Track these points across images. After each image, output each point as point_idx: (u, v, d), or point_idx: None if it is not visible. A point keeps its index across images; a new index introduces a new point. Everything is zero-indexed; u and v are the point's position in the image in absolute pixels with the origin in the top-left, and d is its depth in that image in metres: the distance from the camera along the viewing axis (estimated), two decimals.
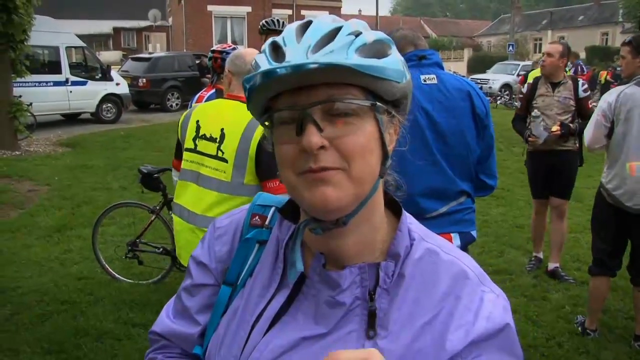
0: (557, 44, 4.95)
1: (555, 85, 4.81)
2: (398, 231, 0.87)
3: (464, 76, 28.31)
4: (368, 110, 0.80)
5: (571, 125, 4.69)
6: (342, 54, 0.76)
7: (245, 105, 2.68)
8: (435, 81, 2.47)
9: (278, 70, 0.74)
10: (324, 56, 0.75)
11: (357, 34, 0.78)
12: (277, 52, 0.79)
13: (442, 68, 2.57)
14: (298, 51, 0.76)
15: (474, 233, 2.62)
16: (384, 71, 0.78)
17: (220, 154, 2.70)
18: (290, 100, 0.78)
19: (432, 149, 2.44)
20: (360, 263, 0.84)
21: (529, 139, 4.80)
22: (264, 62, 0.79)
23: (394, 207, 0.93)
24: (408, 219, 0.91)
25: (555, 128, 4.68)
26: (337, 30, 0.78)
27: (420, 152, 2.38)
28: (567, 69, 5.20)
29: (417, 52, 2.48)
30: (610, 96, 3.68)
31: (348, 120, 0.78)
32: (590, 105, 4.77)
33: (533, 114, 4.72)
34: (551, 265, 5.08)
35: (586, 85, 4.89)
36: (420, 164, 2.28)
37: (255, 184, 2.65)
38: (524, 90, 5.06)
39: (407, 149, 0.89)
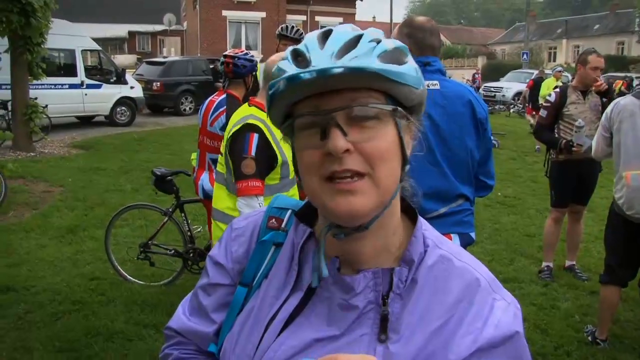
0: (601, 57, 4.96)
1: (585, 94, 4.89)
2: (413, 237, 0.88)
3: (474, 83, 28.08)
4: (389, 115, 0.81)
5: None
6: (367, 59, 0.77)
7: (246, 106, 2.73)
8: (438, 87, 2.54)
9: (302, 75, 0.76)
10: (350, 61, 0.76)
11: (378, 41, 0.80)
12: (300, 58, 0.80)
13: (444, 75, 2.65)
14: (322, 57, 0.78)
15: (472, 235, 2.68)
16: (405, 77, 0.80)
17: (222, 149, 2.89)
18: (313, 105, 0.80)
19: (435, 151, 2.51)
20: (375, 268, 0.85)
21: (574, 148, 4.71)
22: (289, 68, 0.80)
23: (410, 213, 0.94)
24: (423, 225, 0.92)
25: None
26: (359, 37, 0.80)
27: (424, 154, 2.43)
28: None
29: (421, 58, 2.55)
30: (609, 107, 3.78)
31: (370, 124, 0.79)
32: None
33: (577, 124, 4.68)
34: (568, 263, 5.39)
35: None
36: (424, 165, 2.38)
37: None
38: (551, 99, 4.98)
39: (420, 147, 0.91)
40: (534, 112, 15.54)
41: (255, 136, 2.68)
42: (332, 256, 0.88)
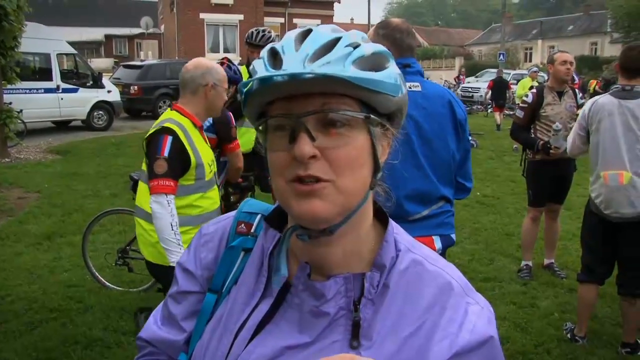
0: (566, 53, 5.03)
1: (560, 94, 4.94)
2: (384, 242, 0.87)
3: (453, 84, 28.46)
4: (361, 122, 0.80)
5: None
6: (339, 65, 0.75)
7: (169, 110, 2.80)
8: (419, 88, 2.56)
9: (274, 77, 0.75)
10: (321, 67, 0.74)
11: (356, 46, 0.78)
12: (275, 58, 0.79)
13: (422, 76, 2.68)
14: (295, 60, 0.76)
15: (453, 236, 2.70)
16: (380, 84, 0.78)
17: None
18: (285, 107, 0.78)
19: (418, 153, 2.53)
20: (346, 273, 0.84)
21: (551, 151, 4.72)
22: (262, 69, 0.79)
23: (381, 217, 0.93)
24: (395, 228, 0.91)
25: None
26: (336, 41, 0.78)
27: (407, 157, 2.45)
28: None
29: (401, 60, 2.55)
30: (586, 105, 3.80)
31: (340, 131, 0.78)
32: None
33: (554, 127, 4.67)
34: (547, 261, 5.44)
35: (581, 93, 5.09)
36: (406, 167, 2.39)
37: None
38: (528, 99, 4.99)
39: (396, 155, 0.89)
40: (499, 111, 17.23)
41: (169, 138, 2.76)
42: (303, 262, 0.86)
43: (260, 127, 0.84)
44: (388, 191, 0.91)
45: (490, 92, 17.83)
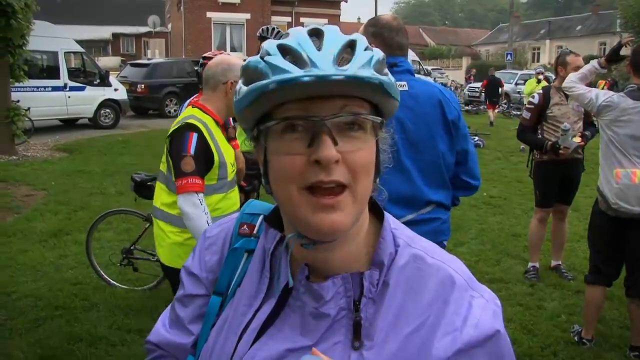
0: (578, 56, 5.00)
1: (567, 95, 4.85)
2: (381, 238, 0.85)
3: (461, 85, 28.48)
4: (371, 126, 0.79)
5: (587, 133, 4.90)
6: (368, 69, 0.75)
7: (190, 108, 2.70)
8: (406, 88, 2.43)
9: (301, 78, 0.71)
10: (358, 70, 0.73)
11: (370, 50, 0.78)
12: (293, 57, 0.74)
13: (412, 74, 2.54)
14: (324, 60, 0.73)
15: (445, 243, 2.60)
16: (393, 89, 0.79)
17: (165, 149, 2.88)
18: (303, 109, 0.75)
19: (402, 156, 2.40)
20: (344, 273, 0.83)
21: (560, 151, 4.69)
22: (286, 65, 0.73)
23: (376, 212, 0.91)
24: (392, 223, 0.89)
25: (578, 139, 4.79)
26: (353, 42, 0.77)
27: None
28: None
29: (389, 59, 2.40)
30: (603, 95, 3.71)
31: (356, 134, 0.77)
32: None
33: (563, 127, 4.64)
34: (554, 263, 5.40)
35: None
36: (388, 170, 2.29)
37: None
38: (534, 100, 4.96)
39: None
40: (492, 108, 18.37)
41: (194, 135, 2.69)
42: (301, 263, 0.85)
43: (255, 130, 0.81)
44: (379, 185, 0.89)
45: (484, 90, 18.85)
